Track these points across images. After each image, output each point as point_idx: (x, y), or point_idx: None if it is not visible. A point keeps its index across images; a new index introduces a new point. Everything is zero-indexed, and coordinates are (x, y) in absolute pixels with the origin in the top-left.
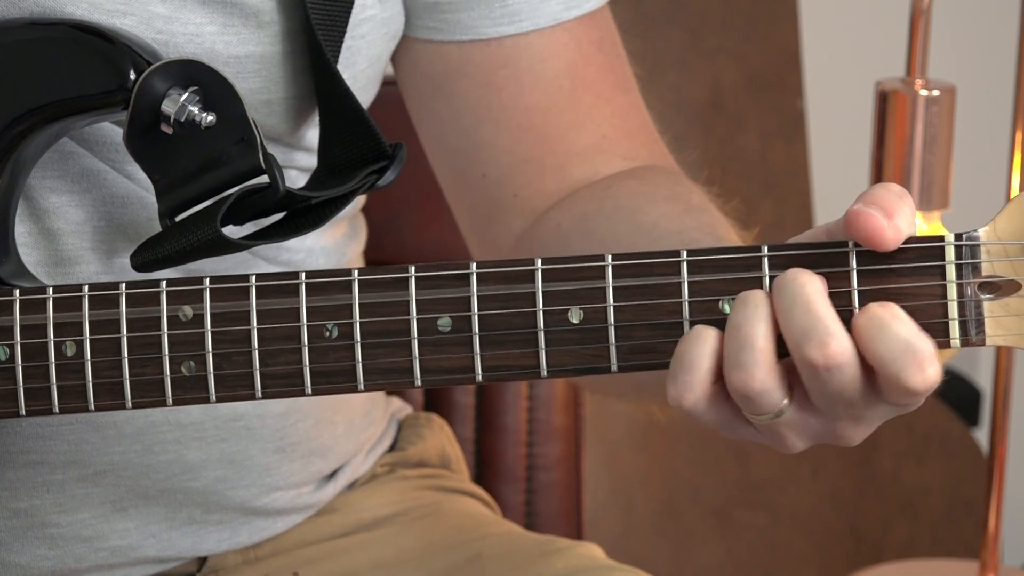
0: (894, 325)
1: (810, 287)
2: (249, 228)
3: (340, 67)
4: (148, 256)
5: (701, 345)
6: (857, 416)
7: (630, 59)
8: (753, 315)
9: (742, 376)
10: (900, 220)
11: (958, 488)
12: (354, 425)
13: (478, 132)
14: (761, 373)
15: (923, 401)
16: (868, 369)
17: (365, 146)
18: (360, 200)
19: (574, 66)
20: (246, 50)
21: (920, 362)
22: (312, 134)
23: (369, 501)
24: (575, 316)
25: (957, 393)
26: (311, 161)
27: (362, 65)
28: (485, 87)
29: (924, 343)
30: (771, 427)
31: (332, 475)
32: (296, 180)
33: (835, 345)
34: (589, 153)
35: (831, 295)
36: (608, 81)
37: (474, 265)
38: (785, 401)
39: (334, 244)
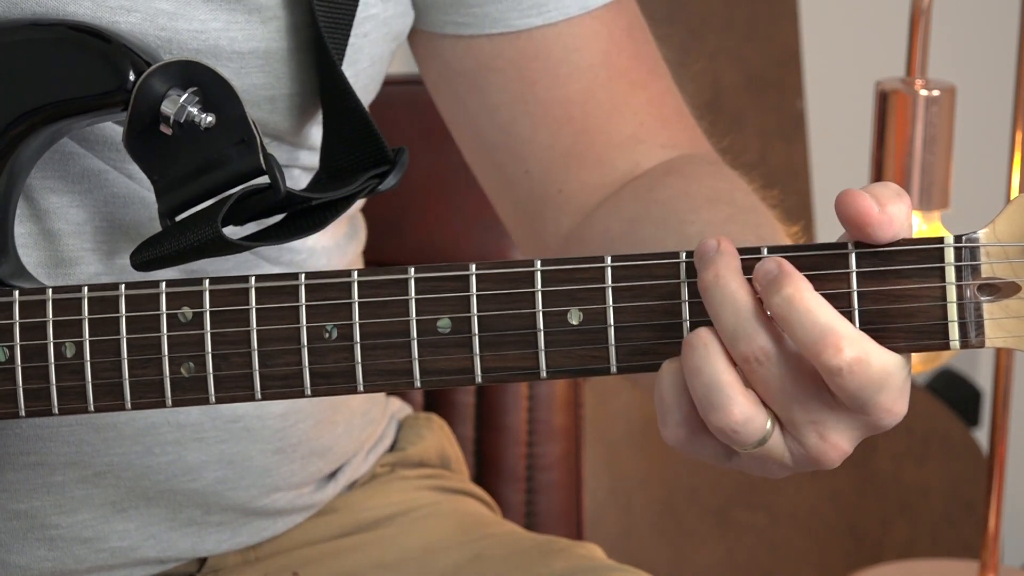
0: (803, 304)
1: (734, 284)
2: (250, 228)
3: (343, 66)
4: (148, 255)
5: (675, 386)
6: (819, 425)
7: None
8: (706, 354)
9: (721, 415)
10: (892, 211)
11: (958, 488)
12: (354, 425)
13: (515, 127)
14: (738, 406)
15: (887, 417)
16: (807, 367)
17: (367, 150)
18: (361, 200)
19: (607, 55)
20: (250, 46)
21: (836, 343)
22: (315, 132)
23: (369, 501)
24: (574, 317)
25: (957, 393)
26: (315, 159)
27: (364, 64)
28: (518, 81)
29: (842, 324)
30: (755, 456)
31: (332, 475)
32: (299, 179)
33: (760, 341)
34: (629, 144)
35: (830, 297)
36: (641, 68)
37: (473, 266)
38: (768, 424)
39: (335, 243)
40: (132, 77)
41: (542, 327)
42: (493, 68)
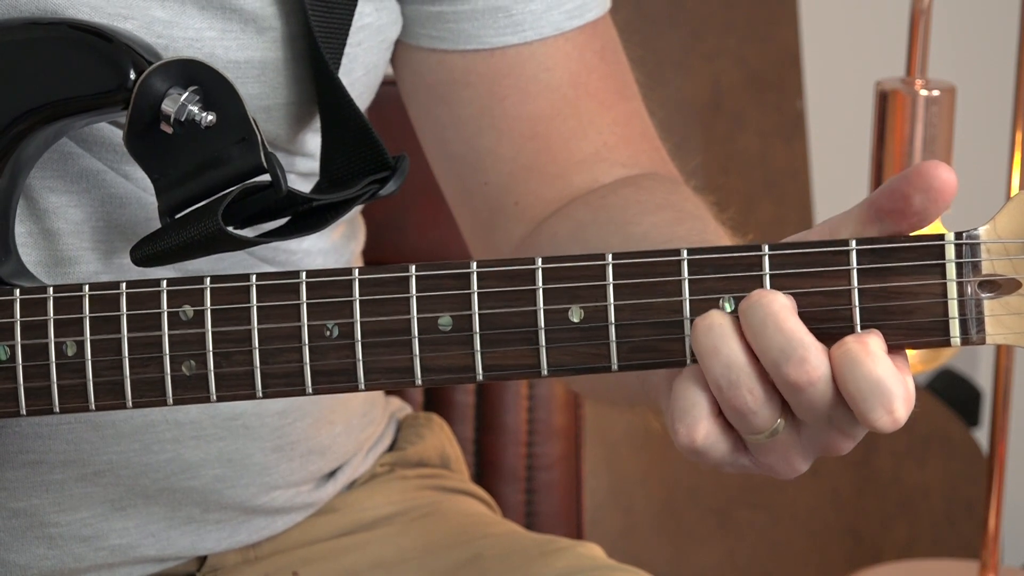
0: (866, 363)
1: (776, 304)
2: (249, 232)
3: (339, 75)
4: (148, 250)
5: (697, 381)
6: (845, 431)
7: (631, 65)
8: (722, 334)
9: (740, 393)
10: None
11: (958, 488)
12: (353, 424)
13: (480, 140)
14: (755, 385)
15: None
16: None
17: (368, 157)
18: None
19: (576, 75)
20: (245, 55)
21: (888, 404)
22: (312, 140)
23: (369, 501)
24: (575, 315)
25: (957, 393)
26: (311, 166)
27: (359, 73)
28: (488, 96)
29: (895, 384)
30: (768, 447)
31: (331, 474)
32: (296, 185)
33: (812, 361)
34: (590, 161)
35: (831, 294)
36: (610, 89)
37: (475, 264)
38: (779, 419)
39: (332, 245)
40: (133, 76)
41: (543, 325)
42: (464, 83)
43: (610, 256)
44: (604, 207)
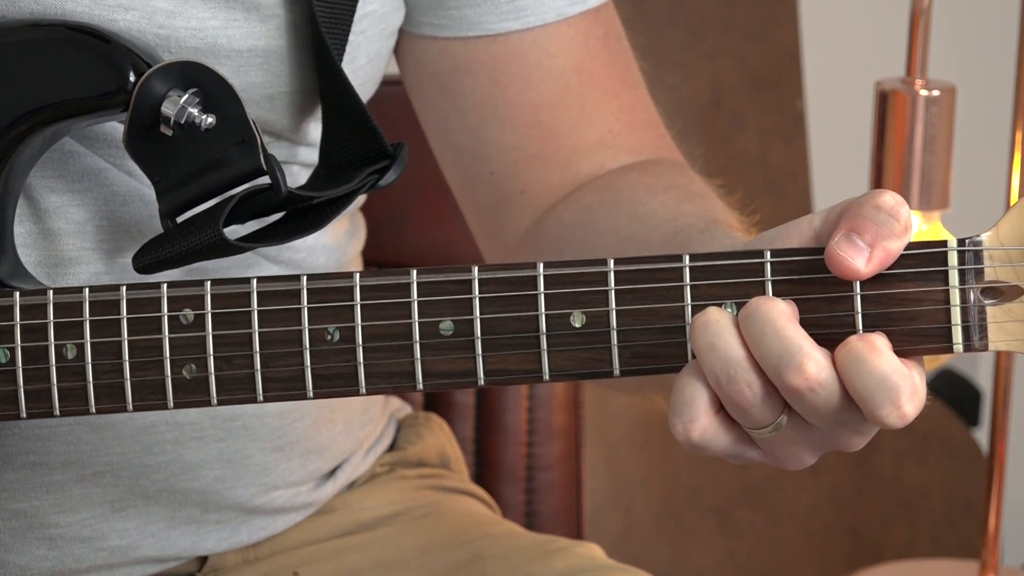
0: (871, 360)
1: (775, 311)
2: (251, 227)
3: (342, 63)
4: (150, 258)
5: (698, 376)
6: (854, 429)
7: (635, 54)
8: (719, 331)
9: (739, 388)
10: (887, 245)
11: (958, 488)
12: (352, 424)
13: (484, 129)
14: (754, 379)
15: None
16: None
17: (366, 145)
18: (360, 198)
19: (580, 62)
20: (248, 44)
21: (895, 399)
22: (315, 129)
23: (369, 501)
24: (577, 320)
25: (957, 393)
26: (314, 156)
27: (362, 61)
28: (491, 84)
29: (902, 379)
30: (774, 441)
31: (331, 474)
32: (299, 175)
33: (811, 367)
34: (595, 148)
35: (834, 300)
36: (614, 76)
37: (476, 269)
38: (783, 414)
39: (335, 242)
40: (132, 78)
41: (544, 330)
42: (466, 71)
43: (612, 262)
44: (611, 190)
